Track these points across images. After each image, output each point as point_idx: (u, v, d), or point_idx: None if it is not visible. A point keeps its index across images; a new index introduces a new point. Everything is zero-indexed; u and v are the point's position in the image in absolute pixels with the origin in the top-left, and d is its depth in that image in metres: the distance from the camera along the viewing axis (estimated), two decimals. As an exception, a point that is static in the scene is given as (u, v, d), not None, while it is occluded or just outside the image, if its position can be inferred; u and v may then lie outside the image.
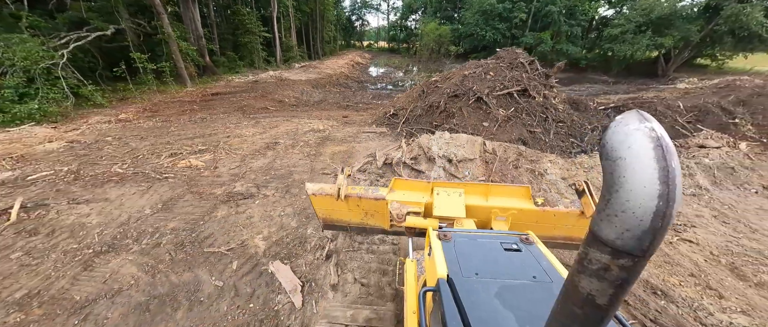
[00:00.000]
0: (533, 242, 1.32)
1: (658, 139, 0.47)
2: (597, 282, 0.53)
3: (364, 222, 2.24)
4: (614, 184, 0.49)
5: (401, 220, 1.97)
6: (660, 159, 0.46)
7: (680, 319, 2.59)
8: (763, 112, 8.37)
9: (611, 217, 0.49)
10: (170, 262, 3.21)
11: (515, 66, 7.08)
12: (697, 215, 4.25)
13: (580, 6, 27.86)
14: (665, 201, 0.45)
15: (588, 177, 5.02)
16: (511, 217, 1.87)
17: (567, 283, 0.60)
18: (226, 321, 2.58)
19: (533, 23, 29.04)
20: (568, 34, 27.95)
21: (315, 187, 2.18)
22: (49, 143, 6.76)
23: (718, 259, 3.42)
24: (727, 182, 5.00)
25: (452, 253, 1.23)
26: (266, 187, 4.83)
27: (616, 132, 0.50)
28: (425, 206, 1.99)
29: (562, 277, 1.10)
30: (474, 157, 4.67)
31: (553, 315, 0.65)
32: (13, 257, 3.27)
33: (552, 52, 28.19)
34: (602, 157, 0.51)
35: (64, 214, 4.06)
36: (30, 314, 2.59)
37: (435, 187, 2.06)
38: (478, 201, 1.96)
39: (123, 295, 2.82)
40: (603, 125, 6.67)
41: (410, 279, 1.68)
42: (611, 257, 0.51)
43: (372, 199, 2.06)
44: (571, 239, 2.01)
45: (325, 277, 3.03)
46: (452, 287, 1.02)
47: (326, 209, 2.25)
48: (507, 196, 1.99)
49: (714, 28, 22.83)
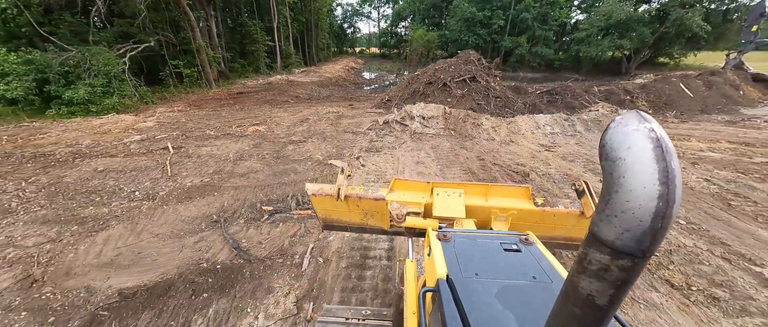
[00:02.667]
0: (533, 243, 1.35)
1: (658, 140, 0.48)
2: (597, 282, 0.54)
3: (364, 222, 2.29)
4: (614, 184, 0.50)
5: (401, 220, 2.02)
6: (660, 159, 0.47)
7: (530, 172, 5.84)
8: (655, 92, 12.03)
9: (611, 218, 0.50)
10: (274, 162, 6.38)
11: (469, 62, 10.58)
12: (566, 142, 7.62)
13: (552, 13, 32.17)
14: (665, 202, 0.46)
15: (509, 130, 8.36)
16: (510, 217, 1.91)
17: (567, 284, 0.61)
18: (313, 172, 5.74)
19: (511, 29, 33.20)
20: (542, 38, 32.09)
21: (315, 187, 2.22)
22: (144, 123, 9.85)
23: (560, 156, 6.73)
24: (593, 128, 8.42)
25: (452, 254, 1.26)
26: (311, 138, 8.04)
27: (616, 132, 0.51)
28: (425, 206, 2.04)
29: (561, 278, 1.12)
30: (438, 115, 7.99)
31: (553, 315, 0.66)
32: (189, 164, 6.38)
33: (529, 54, 32.30)
34: (602, 158, 0.52)
35: (197, 150, 7.18)
36: (216, 178, 5.72)
37: (434, 188, 2.10)
38: (478, 201, 2.01)
39: (258, 173, 5.96)
40: (531, 101, 10.14)
41: (410, 279, 1.72)
42: (611, 258, 0.51)
43: (372, 199, 2.12)
44: (570, 240, 2.05)
45: (355, 163, 6.23)
46: (452, 287, 1.04)
47: (326, 209, 2.28)
48: (507, 196, 2.04)
49: (664, 31, 27.03)
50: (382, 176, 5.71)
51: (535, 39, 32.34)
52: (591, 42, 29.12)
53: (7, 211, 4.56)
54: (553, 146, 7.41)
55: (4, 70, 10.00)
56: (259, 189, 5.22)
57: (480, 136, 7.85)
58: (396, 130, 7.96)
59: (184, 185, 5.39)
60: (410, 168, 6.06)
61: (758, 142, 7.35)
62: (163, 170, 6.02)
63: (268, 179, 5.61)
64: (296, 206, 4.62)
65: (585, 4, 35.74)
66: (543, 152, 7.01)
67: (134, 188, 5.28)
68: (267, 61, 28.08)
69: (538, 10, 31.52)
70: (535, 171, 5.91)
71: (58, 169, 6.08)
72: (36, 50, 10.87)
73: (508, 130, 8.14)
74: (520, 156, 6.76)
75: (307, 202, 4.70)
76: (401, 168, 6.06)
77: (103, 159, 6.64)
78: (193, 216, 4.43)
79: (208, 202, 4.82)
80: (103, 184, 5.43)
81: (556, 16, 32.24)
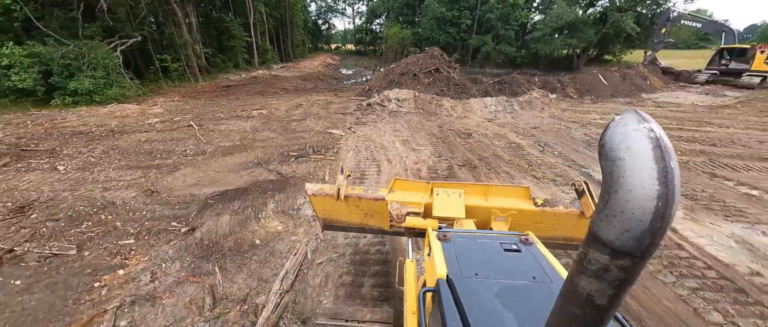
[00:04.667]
0: (533, 243, 1.37)
1: (657, 140, 0.48)
2: (596, 282, 0.55)
3: (364, 222, 2.32)
4: (613, 184, 0.51)
5: (401, 220, 2.04)
6: (659, 160, 0.47)
7: (473, 134, 8.41)
8: (580, 82, 15.36)
9: (610, 218, 0.51)
10: (284, 132, 8.46)
11: (433, 57, 13.23)
12: (504, 117, 10.42)
13: (513, 14, 36.15)
14: (664, 202, 0.47)
15: (464, 108, 11.02)
16: (510, 217, 1.94)
17: (566, 284, 0.63)
18: (318, 138, 7.92)
19: (478, 28, 36.79)
20: (505, 37, 35.97)
21: (315, 187, 2.23)
22: (153, 109, 11.36)
23: (497, 125, 9.44)
24: (526, 107, 11.35)
25: (452, 254, 1.28)
26: (308, 118, 10.15)
27: (615, 133, 0.52)
28: (425, 206, 2.06)
29: (561, 278, 1.14)
30: (409, 98, 10.47)
31: (553, 315, 0.67)
32: (216, 135, 8.29)
33: (494, 51, 36.06)
34: (601, 158, 0.53)
35: (216, 127, 9.04)
36: (244, 142, 7.73)
37: (434, 188, 2.12)
38: (478, 201, 2.03)
39: (274, 139, 8.01)
40: (484, 88, 12.98)
41: (410, 279, 1.75)
42: (611, 258, 0.52)
43: (371, 199, 2.15)
44: (570, 240, 2.08)
45: (350, 131, 8.48)
46: (452, 288, 1.05)
47: (326, 209, 2.31)
48: (506, 196, 2.06)
49: (605, 32, 31.69)
50: (369, 138, 8.02)
51: (499, 38, 36.17)
52: (546, 41, 33.38)
53: (93, 164, 6.31)
54: (493, 119, 10.15)
55: (10, 62, 10.99)
56: (280, 147, 7.33)
57: (441, 113, 10.43)
58: (377, 110, 10.31)
59: (221, 146, 7.36)
60: (389, 134, 8.42)
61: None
62: (197, 139, 7.90)
63: (284, 142, 7.73)
64: (313, 153, 6.83)
65: (542, 6, 40.38)
66: (485, 123, 9.71)
67: (183, 149, 7.17)
68: (245, 56, 29.17)
69: (500, 11, 35.31)
70: (476, 133, 8.54)
71: (107, 141, 7.74)
72: (38, 44, 11.86)
73: (463, 108, 10.80)
74: (469, 126, 9.38)
75: (320, 151, 6.92)
76: (383, 134, 8.41)
77: (139, 134, 8.33)
78: (239, 162, 6.48)
79: (245, 155, 6.87)
80: (155, 148, 7.25)
81: (516, 17, 36.27)
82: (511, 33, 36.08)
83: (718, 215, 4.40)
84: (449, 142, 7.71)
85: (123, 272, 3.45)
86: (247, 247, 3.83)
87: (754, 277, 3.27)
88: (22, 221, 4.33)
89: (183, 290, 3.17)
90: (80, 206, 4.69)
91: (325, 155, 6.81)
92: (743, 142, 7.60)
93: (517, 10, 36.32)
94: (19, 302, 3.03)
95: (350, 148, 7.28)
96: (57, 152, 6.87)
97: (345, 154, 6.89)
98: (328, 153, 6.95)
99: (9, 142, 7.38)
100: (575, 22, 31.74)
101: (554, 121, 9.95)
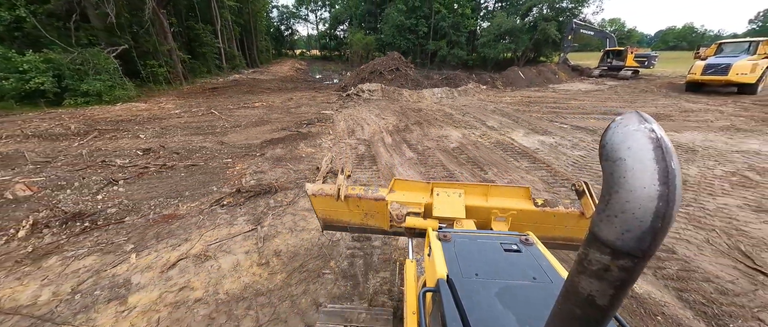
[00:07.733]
0: (533, 243, 1.41)
1: (658, 140, 0.50)
2: (597, 283, 0.57)
3: (364, 222, 2.42)
4: (614, 184, 0.52)
5: (401, 220, 2.12)
6: (660, 160, 0.49)
7: (421, 110, 12.61)
8: (507, 77, 20.67)
9: (611, 218, 0.53)
10: (289, 115, 11.98)
11: (394, 59, 17.58)
12: (447, 101, 14.92)
13: (463, 22, 42.49)
14: (665, 202, 0.48)
15: (418, 96, 15.33)
16: (510, 217, 2.01)
17: (567, 284, 0.64)
18: (316, 116, 11.55)
19: (434, 34, 42.54)
20: (457, 42, 42.09)
21: (315, 187, 2.32)
22: (164, 105, 14.08)
23: (440, 106, 13.82)
24: (463, 95, 16.04)
25: (452, 254, 1.32)
26: (302, 106, 13.69)
27: (616, 133, 0.54)
28: (425, 207, 2.14)
29: (562, 278, 1.17)
30: (378, 89, 14.53)
31: (553, 316, 0.69)
32: (237, 118, 11.53)
33: (449, 55, 41.96)
34: (602, 158, 0.55)
35: (233, 113, 12.24)
36: (263, 119, 11.13)
37: (435, 188, 2.20)
38: (478, 201, 2.10)
39: (283, 119, 11.48)
40: (434, 83, 17.55)
41: (410, 279, 1.82)
42: (611, 258, 0.54)
43: (372, 199, 2.24)
44: (571, 240, 2.15)
45: (338, 112, 12.24)
46: (452, 288, 1.08)
47: (326, 210, 2.41)
48: (507, 196, 2.13)
49: (537, 38, 38.91)
50: (352, 116, 11.83)
51: (453, 43, 42.23)
52: (491, 46, 39.93)
53: (162, 134, 9.34)
54: (438, 102, 14.58)
55: (29, 67, 13.02)
56: (291, 121, 10.86)
57: (402, 99, 14.62)
58: (354, 98, 14.19)
59: (247, 122, 10.69)
60: (366, 112, 12.31)
61: (534, 97, 15.73)
62: (224, 120, 11.10)
63: (292, 119, 11.26)
64: (317, 122, 10.53)
65: (488, 16, 47.61)
66: (432, 104, 14.07)
67: (221, 124, 10.39)
68: (217, 62, 31.34)
69: (452, 19, 41.44)
70: (424, 110, 12.81)
71: (156, 123, 10.64)
72: (50, 51, 13.94)
73: (418, 96, 15.12)
74: (421, 108, 13.64)
75: (322, 121, 10.60)
76: (362, 112, 12.28)
77: (173, 119, 11.28)
78: (268, 129, 9.91)
79: (269, 126, 10.30)
80: (198, 124, 10.37)
81: (466, 25, 42.67)
82: (462, 39, 42.31)
83: (537, 133, 8.98)
84: (406, 115, 11.84)
85: (238, 168, 6.89)
86: (298, 157, 7.46)
87: (536, 152, 7.69)
88: (153, 156, 7.48)
89: (276, 170, 6.74)
90: (184, 149, 7.92)
91: (325, 123, 10.52)
92: (583, 108, 12.77)
93: (466, 19, 42.78)
94: (185, 177, 6.40)
95: (341, 120, 11.06)
96: (127, 128, 9.73)
97: (338, 123, 10.65)
98: (327, 122, 10.66)
99: (78, 127, 10.00)
100: (513, 29, 38.66)
101: (479, 102, 14.66)
